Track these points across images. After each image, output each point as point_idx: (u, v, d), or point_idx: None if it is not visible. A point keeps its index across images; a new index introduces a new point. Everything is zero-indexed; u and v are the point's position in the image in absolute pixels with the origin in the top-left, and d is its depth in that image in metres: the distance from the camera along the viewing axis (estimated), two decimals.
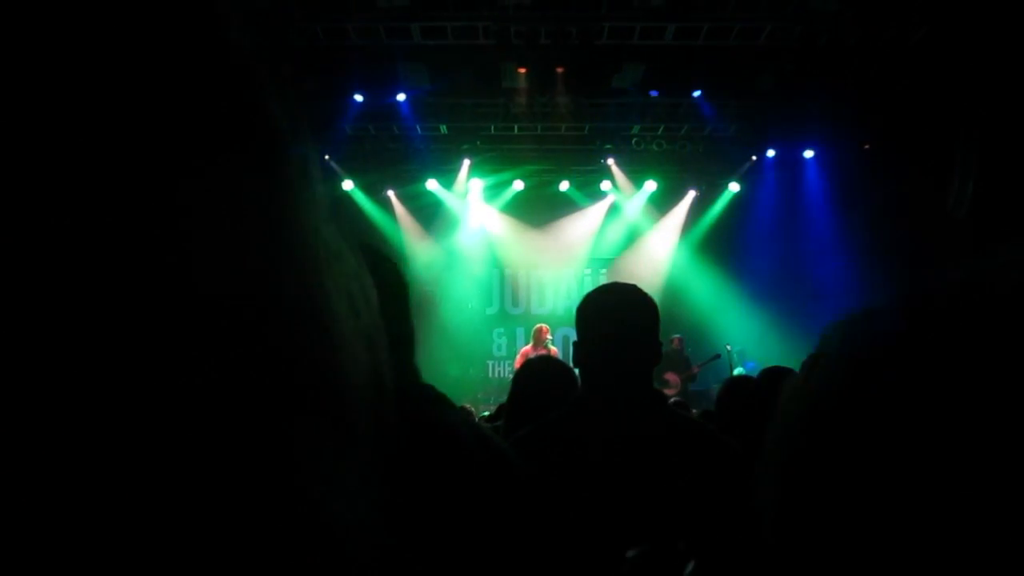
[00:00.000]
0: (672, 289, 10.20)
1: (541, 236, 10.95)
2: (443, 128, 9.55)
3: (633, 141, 9.85)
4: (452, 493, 1.03)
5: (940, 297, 0.43)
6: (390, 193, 10.41)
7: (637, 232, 10.88)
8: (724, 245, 10.65)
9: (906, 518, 0.40)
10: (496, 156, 10.08)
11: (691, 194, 10.62)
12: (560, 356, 7.74)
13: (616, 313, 1.69)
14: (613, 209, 10.84)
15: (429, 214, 10.65)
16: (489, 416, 4.98)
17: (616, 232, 10.92)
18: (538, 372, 2.32)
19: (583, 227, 10.94)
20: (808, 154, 9.64)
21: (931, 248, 7.85)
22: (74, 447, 0.22)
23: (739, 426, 2.51)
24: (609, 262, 10.91)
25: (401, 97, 8.68)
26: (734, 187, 10.36)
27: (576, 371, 1.89)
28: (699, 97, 8.60)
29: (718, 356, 8.95)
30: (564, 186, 10.62)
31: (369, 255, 1.14)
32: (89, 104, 0.23)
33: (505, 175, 10.42)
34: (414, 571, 0.87)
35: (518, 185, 10.54)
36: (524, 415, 2.00)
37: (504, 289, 11.06)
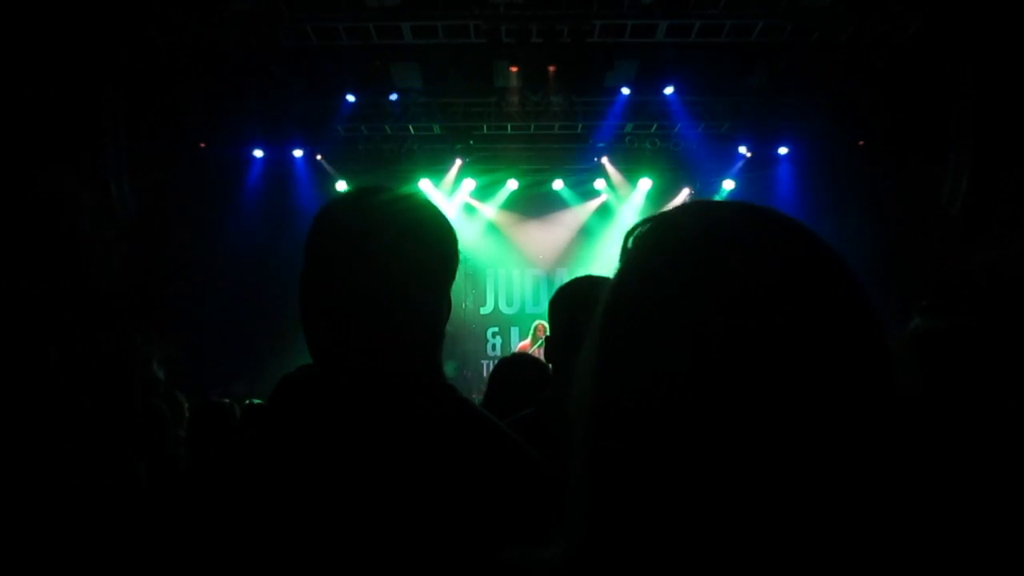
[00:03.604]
0: None
1: (535, 235, 10.91)
2: (436, 128, 9.53)
3: (626, 139, 9.83)
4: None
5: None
6: None
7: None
8: None
9: None
10: (489, 155, 10.05)
11: (685, 192, 10.59)
12: None
13: (590, 309, 1.67)
14: (607, 207, 10.81)
15: None
16: None
17: (610, 230, 10.89)
18: (511, 370, 2.29)
19: (577, 225, 10.91)
20: (802, 151, 9.61)
21: (926, 242, 7.84)
22: None
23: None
24: (603, 260, 10.89)
25: (393, 97, 8.66)
26: (728, 185, 10.32)
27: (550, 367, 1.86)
28: (691, 95, 8.58)
29: None
30: (558, 185, 10.59)
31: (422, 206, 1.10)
32: None
33: (499, 174, 10.40)
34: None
35: (512, 184, 10.51)
36: (499, 413, 1.98)
37: (498, 289, 11.02)
